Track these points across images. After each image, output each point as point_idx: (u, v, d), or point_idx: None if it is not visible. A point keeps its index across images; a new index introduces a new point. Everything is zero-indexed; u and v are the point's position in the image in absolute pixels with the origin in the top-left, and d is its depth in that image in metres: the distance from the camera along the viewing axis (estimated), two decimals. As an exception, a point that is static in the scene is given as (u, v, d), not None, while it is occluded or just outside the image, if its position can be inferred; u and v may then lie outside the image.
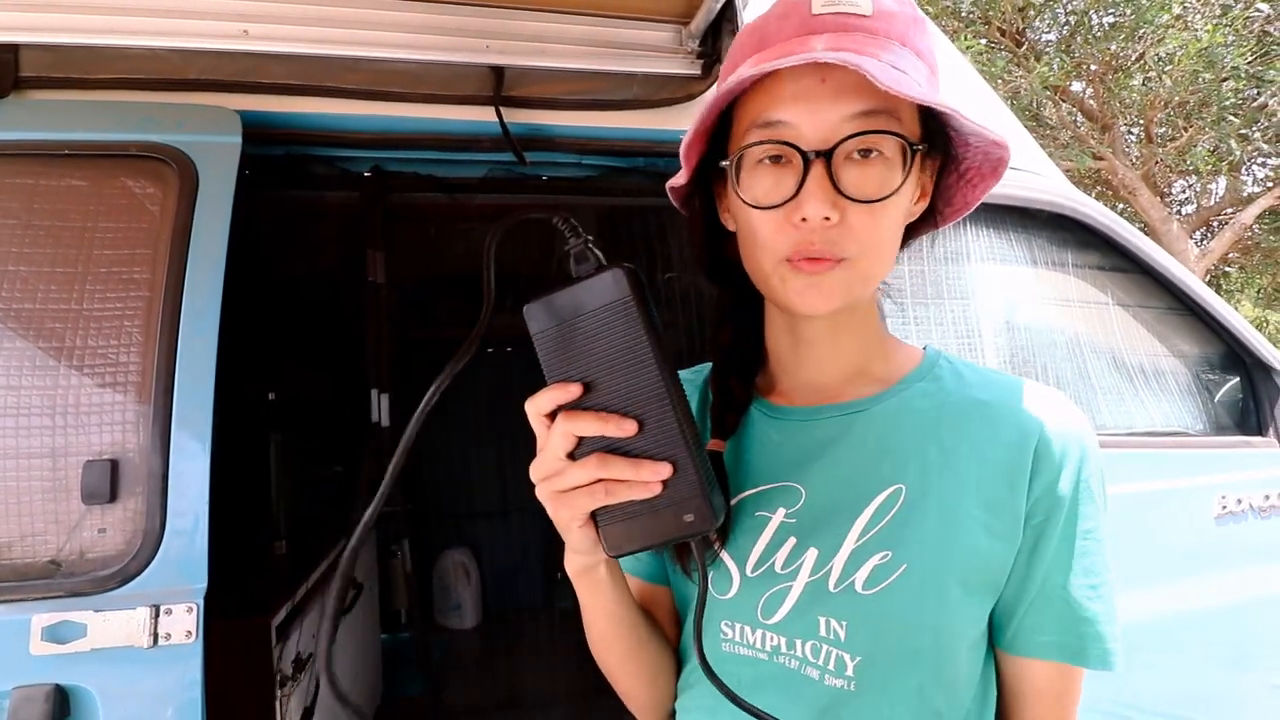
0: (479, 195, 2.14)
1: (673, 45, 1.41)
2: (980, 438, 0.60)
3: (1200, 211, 8.49)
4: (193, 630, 1.05)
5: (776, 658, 0.61)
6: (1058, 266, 1.72)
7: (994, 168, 0.60)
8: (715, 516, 0.50)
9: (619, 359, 0.51)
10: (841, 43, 0.53)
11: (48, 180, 1.14)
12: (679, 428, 0.50)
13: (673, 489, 0.50)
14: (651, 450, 0.50)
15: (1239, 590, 1.65)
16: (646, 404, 0.50)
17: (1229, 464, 1.69)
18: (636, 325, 0.50)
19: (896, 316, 1.50)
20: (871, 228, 0.55)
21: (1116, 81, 7.16)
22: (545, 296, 0.53)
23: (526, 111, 1.41)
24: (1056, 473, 0.58)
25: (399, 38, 1.28)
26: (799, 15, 0.56)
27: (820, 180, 0.53)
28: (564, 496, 0.51)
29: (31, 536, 1.05)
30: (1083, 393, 1.66)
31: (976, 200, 0.63)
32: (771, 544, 0.62)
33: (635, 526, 0.52)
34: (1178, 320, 1.82)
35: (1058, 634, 0.59)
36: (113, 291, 1.12)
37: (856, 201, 0.54)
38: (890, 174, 0.55)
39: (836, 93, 0.53)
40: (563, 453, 0.51)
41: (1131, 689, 1.50)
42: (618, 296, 0.50)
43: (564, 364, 0.52)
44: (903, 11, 0.56)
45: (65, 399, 1.08)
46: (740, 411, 0.68)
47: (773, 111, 0.55)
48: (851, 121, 0.53)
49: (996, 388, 0.63)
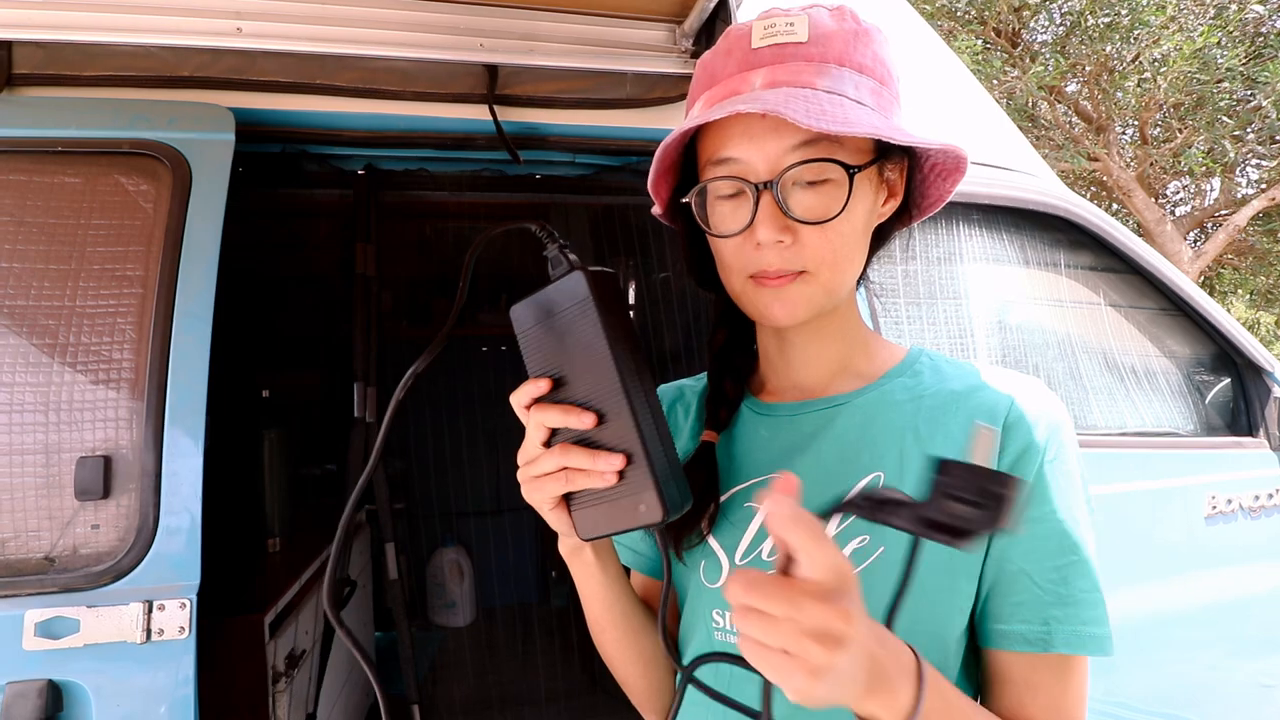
0: (472, 193, 2.14)
1: (666, 44, 1.41)
2: (956, 426, 0.62)
3: (1195, 213, 8.52)
4: (186, 626, 1.05)
5: None
6: (1050, 267, 1.73)
7: (956, 164, 0.63)
8: (667, 509, 0.52)
9: (581, 356, 0.55)
10: (778, 75, 0.58)
11: (41, 177, 1.14)
12: (634, 422, 0.53)
13: (628, 480, 0.53)
14: (611, 443, 0.54)
15: (1229, 589, 1.66)
16: (605, 399, 0.54)
17: (1219, 464, 1.70)
18: (595, 324, 0.54)
19: (889, 316, 1.50)
20: (824, 244, 0.59)
21: (1111, 82, 7.18)
22: (526, 299, 0.58)
23: (520, 110, 1.41)
24: (1022, 448, 0.59)
25: (392, 35, 1.28)
26: (740, 50, 0.61)
27: (769, 208, 0.58)
28: (535, 481, 0.56)
29: (25, 532, 1.05)
30: (1074, 393, 1.66)
31: (948, 193, 0.66)
32: (760, 533, 0.65)
33: (599, 513, 0.56)
34: (1169, 321, 1.83)
35: (1017, 622, 0.58)
36: (106, 288, 1.12)
37: (806, 224, 0.58)
38: (837, 195, 0.58)
39: (776, 128, 0.57)
40: (539, 442, 0.56)
41: (1122, 687, 1.51)
42: (579, 298, 0.54)
43: (540, 360, 0.57)
44: (841, 29, 0.59)
45: (59, 395, 1.08)
46: (732, 407, 0.72)
47: (723, 149, 0.60)
48: (794, 152, 0.57)
49: (972, 378, 0.65)
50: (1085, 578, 0.58)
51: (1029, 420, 0.60)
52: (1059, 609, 0.57)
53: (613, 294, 0.56)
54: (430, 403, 3.24)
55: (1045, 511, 0.58)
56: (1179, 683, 1.60)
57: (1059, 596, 0.57)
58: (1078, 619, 0.57)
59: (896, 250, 1.56)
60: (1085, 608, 0.57)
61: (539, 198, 2.43)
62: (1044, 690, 0.57)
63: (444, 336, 0.59)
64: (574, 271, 0.55)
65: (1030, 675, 0.58)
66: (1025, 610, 0.57)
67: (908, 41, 1.82)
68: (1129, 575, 1.54)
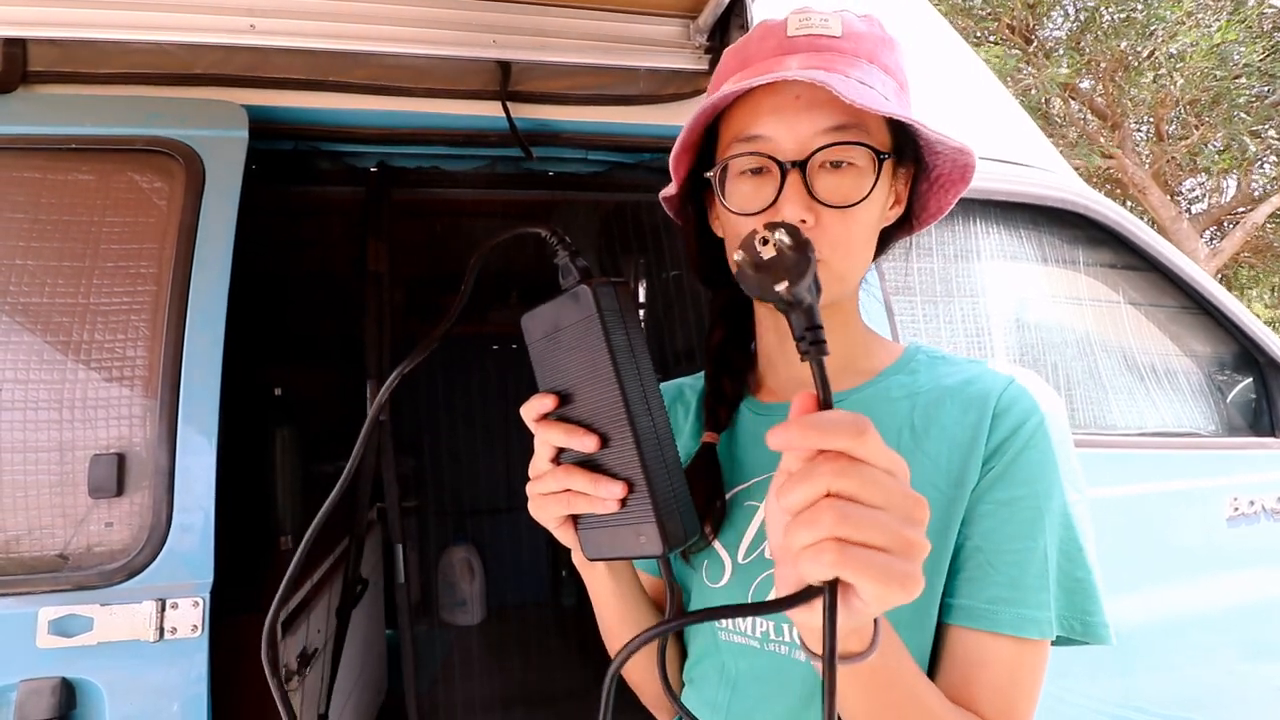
0: (485, 191, 2.14)
1: (680, 40, 1.40)
2: (950, 420, 0.62)
3: (1211, 210, 8.43)
4: (199, 625, 1.05)
5: (767, 644, 0.63)
6: (1069, 264, 1.71)
7: (961, 173, 0.64)
8: (667, 543, 0.50)
9: (587, 375, 0.53)
10: (813, 62, 0.59)
11: (55, 174, 1.15)
12: (637, 450, 0.50)
13: (631, 508, 0.52)
14: (615, 467, 0.52)
15: (1250, 592, 1.63)
16: (610, 422, 0.52)
17: (1241, 465, 1.67)
18: (599, 344, 0.51)
19: (905, 314, 1.48)
20: (844, 231, 0.59)
21: (1127, 79, 7.11)
22: (536, 309, 0.56)
23: (533, 106, 1.40)
24: (1005, 434, 0.60)
25: (405, 32, 1.28)
26: (776, 37, 0.62)
27: (796, 187, 0.58)
28: (540, 499, 0.56)
29: (39, 530, 1.05)
30: (1094, 392, 1.64)
31: (949, 205, 0.68)
32: (761, 531, 0.64)
33: (604, 536, 0.54)
34: (1190, 319, 1.80)
35: (965, 597, 0.58)
36: (119, 286, 1.12)
37: (830, 206, 0.58)
38: (861, 181, 0.59)
39: (809, 108, 0.58)
40: (546, 458, 0.55)
41: (1139, 690, 1.49)
42: (583, 315, 0.52)
43: (548, 374, 0.56)
44: (871, 32, 0.62)
45: (72, 393, 1.08)
46: (732, 406, 0.73)
47: (752, 127, 0.60)
48: (824, 134, 0.58)
49: (966, 373, 0.65)
50: (1039, 564, 0.57)
51: (1015, 409, 0.60)
52: (1009, 590, 0.57)
53: (623, 306, 0.53)
54: (441, 401, 3.24)
55: (1015, 495, 0.58)
56: (1196, 685, 1.58)
57: (1011, 579, 0.57)
58: (1025, 602, 0.56)
59: (913, 247, 1.55)
60: (1034, 592, 0.57)
61: (552, 195, 2.42)
62: (990, 671, 0.57)
63: (435, 338, 0.57)
64: (579, 286, 0.53)
65: (977, 654, 0.57)
66: (975, 586, 0.58)
67: (926, 37, 1.80)
68: (1149, 577, 1.52)
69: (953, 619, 0.58)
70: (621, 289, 0.54)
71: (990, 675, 0.56)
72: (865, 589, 0.37)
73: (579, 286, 0.53)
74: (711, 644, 0.68)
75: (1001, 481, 0.59)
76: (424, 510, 3.23)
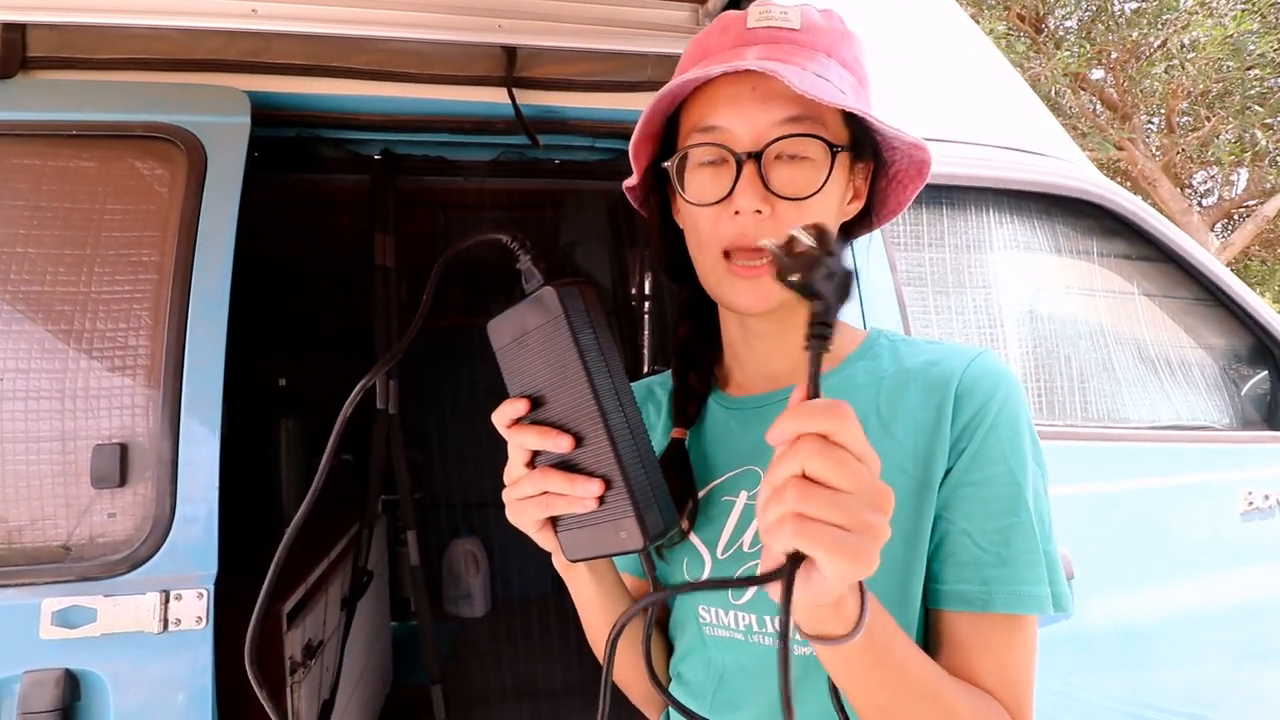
0: (490, 179, 2.12)
1: (689, 25, 1.38)
2: (914, 403, 0.63)
3: (1222, 203, 8.35)
4: (203, 616, 1.04)
5: (750, 637, 0.64)
6: (1082, 255, 1.68)
7: (919, 169, 0.66)
8: (648, 535, 0.51)
9: (557, 376, 0.53)
10: (771, 54, 0.60)
11: (55, 161, 1.13)
12: (611, 447, 0.51)
13: (609, 505, 0.52)
14: (590, 466, 0.53)
15: (1263, 588, 1.61)
16: (583, 421, 0.52)
17: (1256, 459, 1.65)
18: (567, 344, 0.52)
19: (917, 305, 1.46)
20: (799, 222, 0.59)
21: (1138, 69, 7.03)
22: (500, 315, 0.57)
23: (539, 93, 1.38)
24: (971, 415, 0.60)
25: (409, 17, 1.26)
26: (736, 29, 0.64)
27: (751, 178, 0.59)
28: (517, 504, 0.56)
29: (42, 520, 1.05)
30: (1107, 385, 1.62)
31: (907, 201, 0.69)
32: (738, 526, 0.66)
33: (584, 536, 0.55)
34: (1205, 311, 1.77)
35: (958, 582, 0.59)
36: (121, 274, 1.11)
37: (784, 199, 0.59)
38: (816, 174, 0.60)
39: (765, 99, 0.59)
40: (520, 463, 0.56)
41: (1150, 687, 1.48)
42: (549, 317, 0.53)
43: (518, 379, 0.56)
44: (830, 26, 0.63)
45: (74, 383, 1.07)
46: (700, 401, 0.74)
47: (710, 117, 0.61)
48: (779, 126, 0.59)
49: (926, 355, 0.66)
50: (1026, 539, 0.58)
51: (978, 389, 0.61)
52: (999, 569, 0.57)
53: (589, 305, 0.54)
54: (446, 394, 3.23)
55: (989, 475, 0.59)
56: (1208, 683, 1.57)
57: (999, 557, 0.58)
58: (1017, 579, 0.57)
59: (925, 237, 1.52)
60: (1025, 568, 0.57)
61: (558, 184, 2.40)
62: (990, 651, 0.57)
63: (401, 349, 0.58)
64: (545, 287, 0.53)
65: (974, 636, 0.58)
66: (966, 570, 0.58)
67: (943, 26, 1.77)
68: (1161, 572, 1.50)
69: (946, 604, 0.59)
70: (586, 289, 0.54)
71: (992, 655, 0.57)
72: (823, 562, 0.40)
73: (543, 289, 0.53)
74: (697, 639, 0.69)
75: (976, 462, 0.60)
76: (429, 503, 3.22)
